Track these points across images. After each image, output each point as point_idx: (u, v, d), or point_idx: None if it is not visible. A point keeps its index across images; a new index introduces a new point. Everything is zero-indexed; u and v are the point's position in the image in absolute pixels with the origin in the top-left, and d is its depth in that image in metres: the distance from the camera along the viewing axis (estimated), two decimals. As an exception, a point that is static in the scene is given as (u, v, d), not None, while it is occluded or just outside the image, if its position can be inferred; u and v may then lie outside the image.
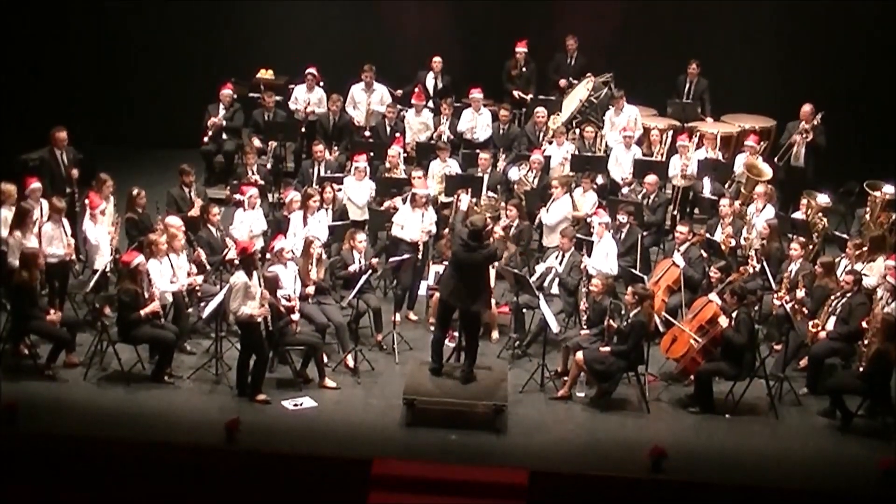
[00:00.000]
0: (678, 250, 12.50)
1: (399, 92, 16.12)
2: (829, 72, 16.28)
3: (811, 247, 12.94)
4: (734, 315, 10.99)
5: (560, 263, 12.24)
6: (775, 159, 14.68)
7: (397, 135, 15.00)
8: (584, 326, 11.55)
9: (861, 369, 10.94)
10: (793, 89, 15.67)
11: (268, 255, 11.83)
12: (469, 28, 17.14)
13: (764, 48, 16.62)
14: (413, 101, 15.46)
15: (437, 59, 16.10)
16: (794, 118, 14.94)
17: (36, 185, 12.22)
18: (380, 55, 16.22)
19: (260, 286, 10.84)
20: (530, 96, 16.18)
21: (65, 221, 12.09)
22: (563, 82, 16.28)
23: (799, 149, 14.76)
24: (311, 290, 11.59)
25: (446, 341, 11.26)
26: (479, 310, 10.96)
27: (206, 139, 15.33)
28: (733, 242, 12.98)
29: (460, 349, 11.11)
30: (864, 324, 11.13)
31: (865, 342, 11.04)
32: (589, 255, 12.46)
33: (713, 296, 11.50)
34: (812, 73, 16.24)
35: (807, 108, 14.73)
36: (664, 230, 14.08)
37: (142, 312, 10.96)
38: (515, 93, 16.32)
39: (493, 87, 16.23)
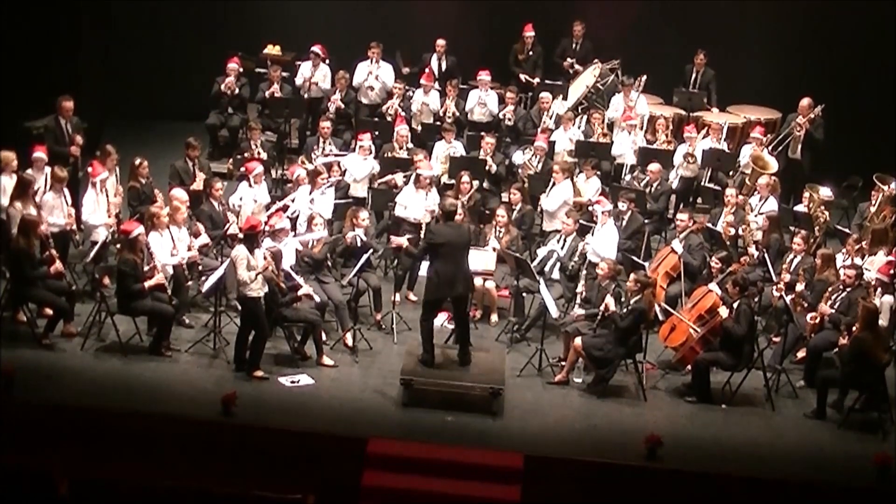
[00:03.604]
0: (678, 237, 12.38)
1: (406, 70, 15.98)
2: (836, 65, 16.16)
3: (812, 240, 12.85)
4: (735, 306, 10.90)
5: (562, 248, 12.12)
6: (770, 148, 14.55)
7: (401, 114, 14.86)
8: (579, 306, 11.39)
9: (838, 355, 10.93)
10: (799, 82, 15.57)
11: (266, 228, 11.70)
12: (477, 11, 16.97)
13: (771, 40, 16.51)
14: (422, 82, 15.31)
15: (440, 42, 15.99)
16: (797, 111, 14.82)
17: (41, 154, 12.10)
18: (388, 35, 16.05)
19: (264, 259, 10.73)
20: (537, 80, 16.03)
21: (66, 191, 11.98)
22: (567, 63, 16.11)
23: (796, 141, 14.64)
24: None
25: (445, 322, 11.14)
26: (469, 293, 10.95)
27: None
28: (732, 231, 12.87)
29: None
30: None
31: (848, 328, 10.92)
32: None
33: (713, 285, 11.39)
34: (818, 66, 16.14)
35: (805, 101, 14.67)
36: (666, 218, 13.98)
37: (145, 285, 10.86)
38: (522, 76, 16.16)
39: (499, 70, 16.06)
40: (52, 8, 15.03)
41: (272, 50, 16.51)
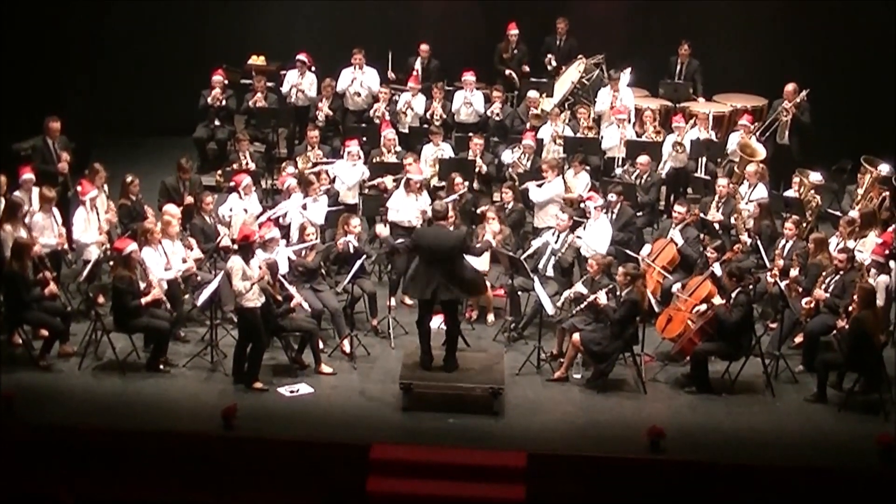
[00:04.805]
0: (674, 228, 12.37)
1: (392, 76, 15.96)
2: (820, 50, 16.16)
3: (805, 225, 12.86)
4: (734, 296, 10.89)
5: (556, 242, 12.10)
6: (758, 135, 14.54)
7: (387, 118, 14.84)
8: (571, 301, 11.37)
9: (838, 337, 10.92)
10: (784, 68, 15.55)
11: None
12: (460, 11, 16.96)
13: (754, 27, 16.53)
14: (410, 85, 15.29)
15: (424, 47, 15.96)
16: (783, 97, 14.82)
17: (28, 175, 12.08)
18: (371, 40, 16.04)
19: (259, 269, 10.70)
20: (527, 69, 16.00)
21: (55, 211, 11.97)
22: (548, 59, 16.09)
23: (783, 127, 14.65)
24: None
25: (441, 324, 11.09)
26: (458, 296, 10.85)
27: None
28: (721, 217, 12.86)
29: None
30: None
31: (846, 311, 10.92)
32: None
33: (717, 266, 11.36)
34: (801, 51, 16.13)
35: (790, 87, 14.69)
36: (657, 210, 13.95)
37: (143, 301, 10.84)
38: (508, 72, 16.12)
39: (484, 70, 16.03)
40: (36, 29, 15.04)
41: (257, 60, 16.50)
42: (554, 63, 16.04)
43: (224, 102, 15.23)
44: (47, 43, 15.14)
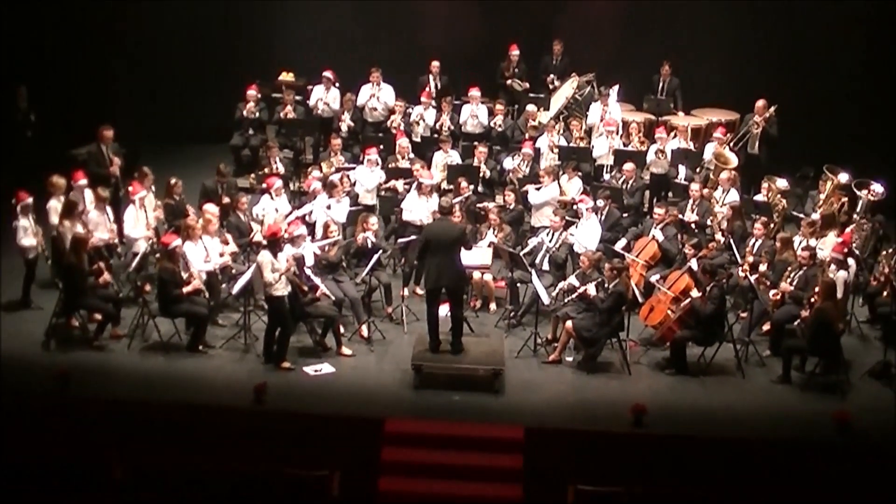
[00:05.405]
0: (656, 228, 12.41)
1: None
2: (788, 71, 16.20)
3: (772, 225, 12.90)
4: (708, 289, 10.94)
5: (551, 241, 12.15)
6: (731, 145, 14.56)
7: (401, 129, 14.88)
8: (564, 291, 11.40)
9: (801, 326, 10.93)
10: (755, 86, 15.54)
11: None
12: (467, 33, 16.99)
13: (729, 49, 16.55)
14: (422, 99, 15.33)
15: (435, 63, 15.99)
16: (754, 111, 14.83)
17: (83, 180, 12.18)
18: (389, 59, 16.06)
19: (287, 262, 10.76)
20: (527, 84, 16.05)
21: (108, 209, 12.07)
22: (549, 78, 16.13)
23: (754, 138, 14.67)
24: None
25: (448, 312, 11.14)
26: (463, 285, 10.92)
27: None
28: (696, 218, 12.90)
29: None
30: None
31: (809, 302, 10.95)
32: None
33: (693, 262, 11.41)
34: (772, 72, 16.15)
35: (760, 103, 14.71)
36: (642, 212, 13.99)
37: (185, 290, 10.91)
38: (509, 82, 16.13)
39: (488, 85, 16.05)
40: (91, 47, 15.13)
41: (286, 76, 16.54)
42: (557, 82, 16.05)
43: (257, 114, 15.29)
44: (100, 62, 15.24)
